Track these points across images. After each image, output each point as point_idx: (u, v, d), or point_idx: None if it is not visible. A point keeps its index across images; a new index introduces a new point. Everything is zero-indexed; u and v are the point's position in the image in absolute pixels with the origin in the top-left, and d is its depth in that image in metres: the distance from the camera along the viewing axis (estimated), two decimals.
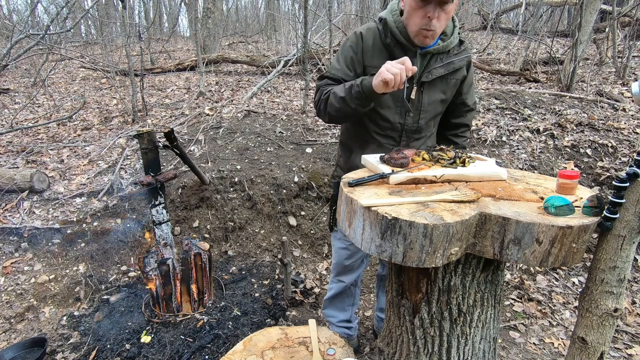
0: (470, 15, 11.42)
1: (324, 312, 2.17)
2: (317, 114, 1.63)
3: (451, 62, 1.54)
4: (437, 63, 1.52)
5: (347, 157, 1.75)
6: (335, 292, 2.04)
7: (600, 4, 4.64)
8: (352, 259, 1.91)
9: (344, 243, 1.88)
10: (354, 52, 1.54)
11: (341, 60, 1.56)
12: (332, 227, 1.89)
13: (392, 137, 1.61)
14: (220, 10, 11.86)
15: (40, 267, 2.79)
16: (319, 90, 1.58)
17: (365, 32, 1.54)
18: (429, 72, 1.52)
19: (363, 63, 1.53)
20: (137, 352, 2.17)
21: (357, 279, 2.03)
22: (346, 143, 1.77)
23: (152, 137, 2.22)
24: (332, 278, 2.06)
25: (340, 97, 1.45)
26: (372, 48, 1.52)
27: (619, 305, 1.05)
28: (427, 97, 1.56)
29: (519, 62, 5.87)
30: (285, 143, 3.83)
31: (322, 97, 1.53)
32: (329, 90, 1.51)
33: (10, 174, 3.20)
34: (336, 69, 1.56)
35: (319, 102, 1.56)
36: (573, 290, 2.74)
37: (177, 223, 3.14)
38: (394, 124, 1.58)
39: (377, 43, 1.53)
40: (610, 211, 1.01)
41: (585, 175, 3.30)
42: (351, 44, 1.55)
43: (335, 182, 1.81)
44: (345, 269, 1.95)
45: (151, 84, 6.19)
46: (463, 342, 1.26)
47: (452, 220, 0.97)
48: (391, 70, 1.28)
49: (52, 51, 5.66)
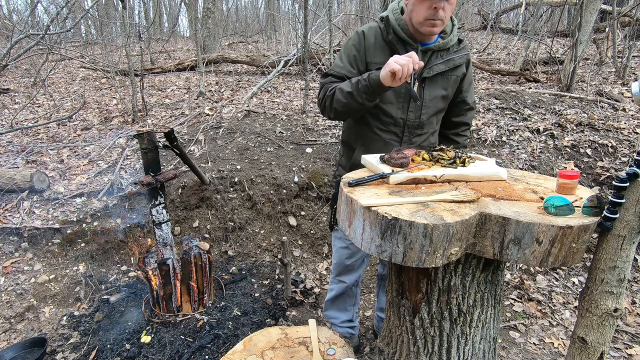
0: (470, 15, 11.42)
1: (326, 314, 2.16)
2: (321, 111, 1.64)
3: (451, 59, 1.58)
4: (438, 60, 1.56)
5: (349, 155, 1.76)
6: (336, 292, 2.04)
7: (600, 4, 4.64)
8: (353, 258, 1.91)
9: (345, 242, 1.88)
10: (357, 50, 1.57)
11: (344, 58, 1.60)
12: (333, 226, 1.89)
13: (395, 133, 1.63)
14: (220, 10, 11.87)
15: (40, 267, 2.79)
16: (323, 88, 1.60)
17: (367, 30, 1.58)
18: (430, 68, 1.55)
19: (365, 60, 1.56)
20: (137, 352, 2.17)
21: (358, 278, 2.03)
22: (348, 141, 1.78)
23: (152, 137, 2.22)
24: (332, 278, 2.05)
25: (347, 91, 1.47)
26: (374, 46, 1.56)
27: (619, 305, 1.05)
28: (429, 93, 1.59)
29: (519, 62, 5.87)
30: (285, 143, 3.83)
31: (327, 93, 1.55)
32: (335, 87, 1.53)
33: (10, 174, 3.20)
34: (339, 67, 1.59)
35: (324, 98, 1.58)
36: (573, 290, 2.74)
37: (177, 223, 3.14)
38: (397, 120, 1.60)
39: (379, 41, 1.56)
40: (610, 211, 1.01)
41: (585, 175, 3.30)
42: (354, 42, 1.59)
43: (337, 181, 1.81)
44: (346, 269, 1.95)
45: (151, 84, 6.19)
46: (463, 342, 1.26)
47: (452, 220, 0.97)
48: (399, 61, 1.30)
49: (52, 51, 5.66)
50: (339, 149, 1.89)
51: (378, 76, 1.38)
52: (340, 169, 1.83)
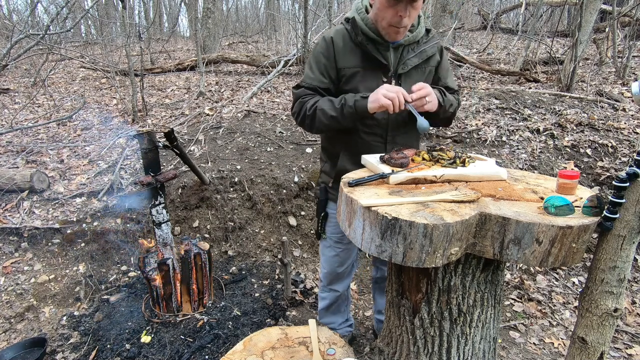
0: (470, 15, 11.43)
1: (323, 322, 2.13)
2: (298, 124, 1.63)
3: (423, 50, 1.56)
4: (410, 54, 1.55)
5: (333, 162, 1.72)
6: (329, 302, 2.02)
7: (600, 4, 4.63)
8: (345, 265, 1.90)
9: (335, 250, 1.86)
10: (326, 58, 1.54)
11: (314, 68, 1.56)
12: (321, 235, 1.85)
13: (379, 135, 1.60)
14: (220, 10, 11.87)
15: (40, 267, 2.79)
16: (298, 101, 1.58)
17: (334, 35, 1.55)
18: (404, 64, 1.54)
19: (337, 66, 1.54)
20: (137, 352, 2.17)
21: (349, 284, 2.04)
22: (330, 148, 1.74)
23: (152, 137, 2.22)
24: (322, 287, 2.02)
25: (330, 115, 1.47)
26: (344, 50, 1.53)
27: (619, 305, 1.05)
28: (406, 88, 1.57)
29: (519, 62, 5.87)
30: (285, 143, 3.83)
31: (306, 112, 1.53)
32: (314, 106, 1.51)
33: (10, 174, 3.20)
34: (311, 78, 1.56)
35: (302, 116, 1.56)
36: (573, 290, 2.74)
37: (177, 223, 3.14)
38: (380, 121, 1.57)
39: (348, 43, 1.53)
40: (610, 211, 1.01)
41: (585, 175, 3.30)
42: (321, 49, 1.55)
43: (322, 188, 1.78)
44: (337, 277, 1.94)
45: (151, 84, 6.19)
46: (463, 342, 1.26)
47: (452, 220, 0.97)
48: (388, 95, 1.32)
49: (52, 51, 5.66)
50: (321, 157, 1.84)
51: (365, 106, 1.39)
52: (325, 177, 1.79)
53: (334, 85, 1.57)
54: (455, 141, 3.70)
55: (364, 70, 1.52)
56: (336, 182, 1.70)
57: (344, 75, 1.53)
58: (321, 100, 1.51)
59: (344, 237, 1.80)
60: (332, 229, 1.82)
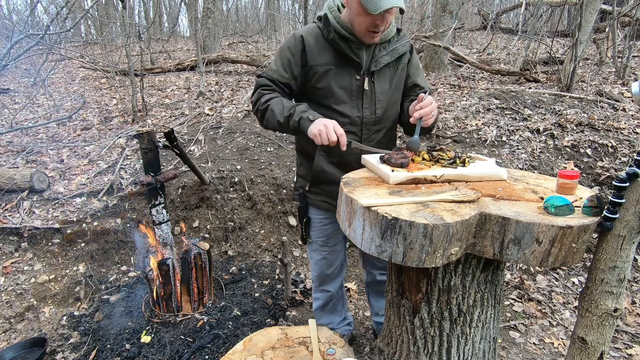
0: (470, 15, 11.42)
1: (321, 322, 2.12)
2: (253, 112, 1.65)
3: (394, 48, 1.58)
4: (382, 52, 1.56)
5: (308, 164, 1.70)
6: (323, 302, 2.03)
7: (600, 4, 4.63)
8: (333, 266, 1.90)
9: (321, 254, 1.86)
10: (292, 54, 1.54)
11: (278, 62, 1.57)
12: (306, 239, 1.85)
13: (353, 132, 1.59)
14: (220, 10, 11.87)
15: (40, 267, 2.79)
16: (257, 91, 1.59)
17: (305, 34, 1.55)
18: (377, 61, 1.55)
19: (307, 64, 1.54)
20: (137, 352, 2.17)
21: (342, 283, 2.05)
22: (304, 149, 1.72)
23: (152, 137, 2.22)
24: (315, 288, 2.03)
25: (277, 120, 1.50)
26: (316, 47, 1.53)
27: (618, 305, 1.05)
28: (379, 86, 1.59)
29: (519, 62, 5.87)
30: (285, 143, 3.83)
31: (259, 106, 1.55)
32: (267, 104, 1.52)
33: (10, 174, 3.20)
34: (272, 71, 1.57)
35: (256, 108, 1.58)
36: (573, 290, 2.74)
37: (177, 223, 3.14)
38: (353, 118, 1.58)
39: (321, 41, 1.54)
40: (610, 211, 1.01)
41: (585, 175, 3.30)
42: (289, 45, 1.56)
43: (299, 194, 1.77)
44: (327, 278, 1.94)
45: (151, 84, 6.19)
46: (463, 342, 1.26)
47: (452, 220, 0.97)
48: (319, 127, 1.38)
49: (52, 51, 5.66)
50: (296, 160, 1.82)
51: (307, 128, 1.43)
52: (300, 180, 1.77)
53: (295, 81, 1.57)
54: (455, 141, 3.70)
55: (336, 68, 1.53)
56: (313, 186, 1.71)
57: (316, 73, 1.53)
58: (275, 100, 1.52)
59: (329, 240, 1.82)
60: (316, 233, 1.81)
